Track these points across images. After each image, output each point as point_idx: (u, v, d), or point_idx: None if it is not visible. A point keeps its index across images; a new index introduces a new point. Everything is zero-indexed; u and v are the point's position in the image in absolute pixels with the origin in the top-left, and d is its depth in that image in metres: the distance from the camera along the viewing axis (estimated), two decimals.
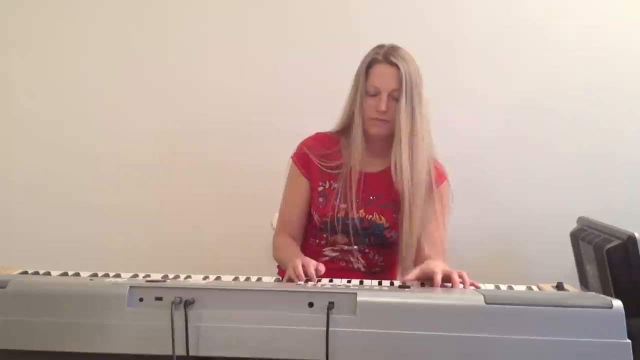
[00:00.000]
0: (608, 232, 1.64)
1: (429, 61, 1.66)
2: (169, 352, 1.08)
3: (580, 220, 1.90)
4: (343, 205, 1.66)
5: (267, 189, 1.94)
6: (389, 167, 1.65)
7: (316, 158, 1.70)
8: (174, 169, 2.38)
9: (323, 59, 2.29)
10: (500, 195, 2.30)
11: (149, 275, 1.37)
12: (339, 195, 1.66)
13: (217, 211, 2.36)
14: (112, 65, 2.36)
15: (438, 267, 1.35)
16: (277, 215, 1.79)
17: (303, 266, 1.37)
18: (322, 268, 1.40)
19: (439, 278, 1.32)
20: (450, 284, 1.33)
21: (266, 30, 2.32)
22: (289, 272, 1.40)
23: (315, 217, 1.70)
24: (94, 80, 2.37)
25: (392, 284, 1.39)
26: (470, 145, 2.28)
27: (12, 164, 2.40)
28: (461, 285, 1.32)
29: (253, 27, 2.33)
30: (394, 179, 1.62)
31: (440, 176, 1.69)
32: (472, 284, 1.35)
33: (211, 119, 2.35)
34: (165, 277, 1.37)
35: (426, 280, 1.38)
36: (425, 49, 1.66)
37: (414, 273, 1.38)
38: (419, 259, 1.59)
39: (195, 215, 2.37)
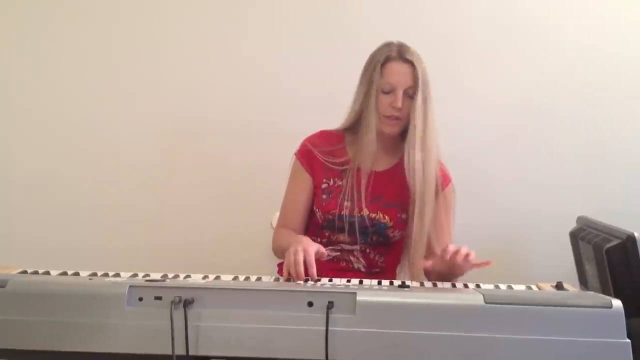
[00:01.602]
0: (607, 232, 1.63)
1: (428, 61, 1.66)
2: (169, 352, 1.08)
3: (580, 219, 1.90)
4: (347, 203, 1.65)
5: (267, 188, 1.95)
6: (396, 166, 1.65)
7: (320, 154, 1.70)
8: (174, 169, 2.38)
9: (323, 58, 2.28)
10: (500, 195, 2.30)
11: (148, 275, 1.37)
12: (344, 193, 1.66)
13: (217, 211, 2.36)
14: (111, 65, 2.35)
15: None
16: (277, 214, 1.79)
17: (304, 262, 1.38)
18: (324, 251, 1.42)
19: (451, 248, 1.42)
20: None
21: (265, 30, 2.32)
22: (288, 260, 1.39)
23: (318, 214, 1.69)
24: (94, 80, 2.36)
25: (391, 283, 1.39)
26: (470, 145, 2.28)
27: (12, 164, 2.39)
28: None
29: (253, 27, 2.33)
30: (407, 177, 1.61)
31: (445, 178, 1.69)
32: (486, 263, 1.42)
33: (211, 119, 2.35)
34: (165, 276, 1.37)
35: (444, 277, 1.47)
36: (425, 49, 1.66)
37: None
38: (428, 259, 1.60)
39: (195, 215, 2.36)
